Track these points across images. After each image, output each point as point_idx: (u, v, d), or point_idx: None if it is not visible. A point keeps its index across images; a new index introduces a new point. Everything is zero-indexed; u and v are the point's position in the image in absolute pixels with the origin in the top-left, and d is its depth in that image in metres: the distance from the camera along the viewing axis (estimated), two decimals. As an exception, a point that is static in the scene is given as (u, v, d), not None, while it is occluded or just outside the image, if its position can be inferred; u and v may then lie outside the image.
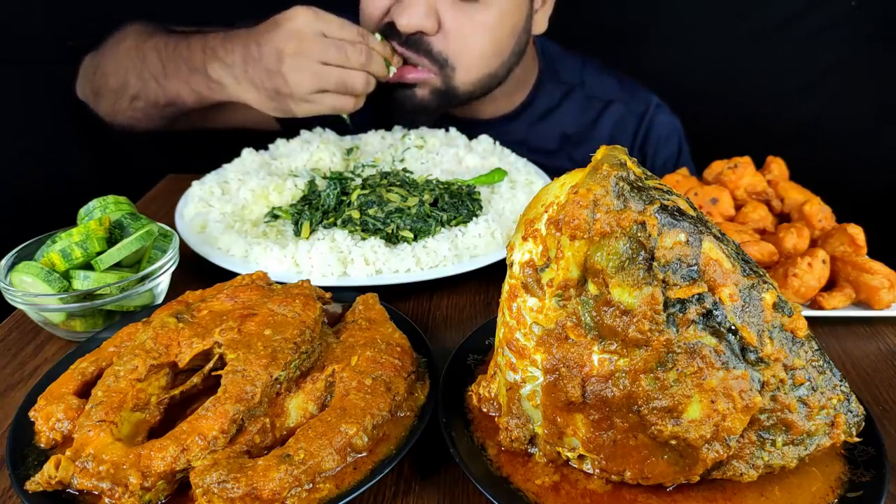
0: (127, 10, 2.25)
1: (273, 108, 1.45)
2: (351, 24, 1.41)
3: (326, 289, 1.07)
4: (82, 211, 1.16)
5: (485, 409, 0.86)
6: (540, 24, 1.77)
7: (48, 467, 0.72)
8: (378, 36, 1.50)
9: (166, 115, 1.69)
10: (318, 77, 1.36)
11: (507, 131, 1.86)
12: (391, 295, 1.15)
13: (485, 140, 1.69)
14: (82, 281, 1.03)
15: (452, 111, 1.87)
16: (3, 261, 1.07)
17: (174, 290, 1.15)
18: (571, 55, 1.98)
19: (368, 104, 1.55)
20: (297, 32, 1.35)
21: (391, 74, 1.52)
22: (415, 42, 1.55)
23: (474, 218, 1.31)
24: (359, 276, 1.18)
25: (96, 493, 0.73)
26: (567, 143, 1.92)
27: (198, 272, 1.24)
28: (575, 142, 1.92)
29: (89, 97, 1.84)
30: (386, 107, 1.70)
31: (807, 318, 0.79)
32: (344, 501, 0.72)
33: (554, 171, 1.85)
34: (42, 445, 0.81)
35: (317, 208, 1.31)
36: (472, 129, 1.75)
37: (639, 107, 1.94)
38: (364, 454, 0.79)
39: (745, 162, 1.37)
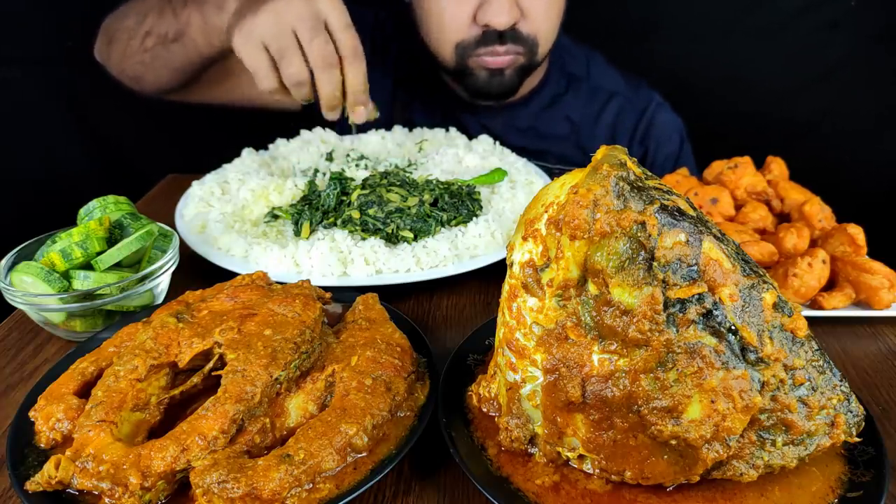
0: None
1: (222, 28, 1.42)
2: (354, 37, 1.35)
3: (326, 289, 1.07)
4: (82, 211, 1.16)
5: (485, 409, 0.86)
6: None
7: (48, 467, 0.72)
8: (373, 106, 1.46)
9: (174, 57, 1.65)
10: (277, 35, 1.32)
11: (517, 117, 1.93)
12: (391, 295, 1.15)
13: (485, 140, 1.69)
14: (82, 281, 1.03)
15: (463, 97, 1.94)
16: (3, 261, 1.07)
17: (174, 290, 1.15)
18: (578, 47, 2.03)
19: (410, 66, 1.58)
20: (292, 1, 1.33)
21: (334, 115, 1.43)
22: (509, 35, 1.69)
23: (474, 218, 1.31)
24: (359, 276, 1.18)
25: (96, 493, 0.73)
26: (574, 130, 1.96)
27: (198, 272, 1.24)
28: (580, 130, 1.96)
29: (103, 51, 1.83)
30: (469, 89, 1.79)
31: (807, 318, 0.79)
32: (344, 501, 0.72)
33: (561, 157, 1.88)
34: (42, 445, 0.81)
35: (317, 208, 1.31)
36: (483, 114, 1.79)
37: (640, 102, 2.00)
38: (364, 454, 0.79)
39: (745, 162, 1.37)
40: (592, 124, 1.98)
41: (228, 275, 1.12)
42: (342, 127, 1.75)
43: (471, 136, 1.73)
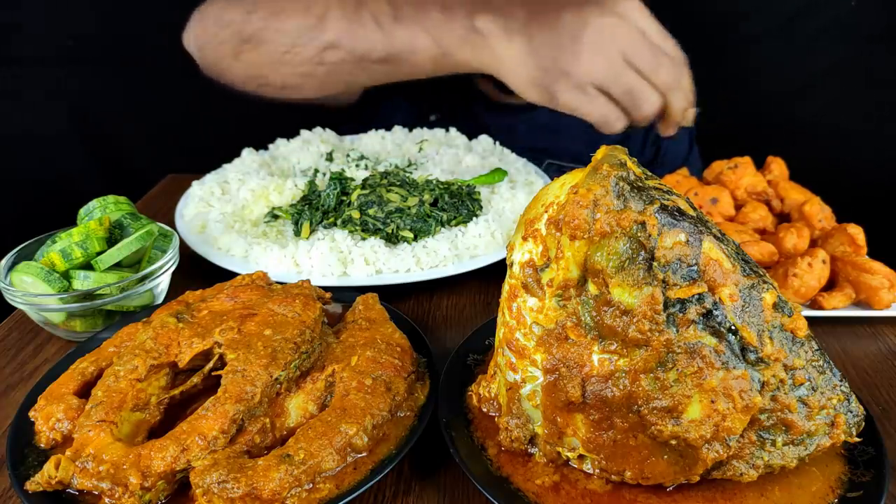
0: (127, 10, 2.25)
1: (533, 83, 1.22)
2: (674, 42, 1.21)
3: (326, 289, 1.07)
4: (82, 211, 1.16)
5: (485, 409, 0.86)
6: None
7: (48, 467, 0.72)
8: (693, 111, 1.30)
9: (364, 77, 1.40)
10: (614, 71, 1.15)
11: (536, 116, 1.87)
12: (391, 295, 1.15)
13: (484, 140, 1.69)
14: (82, 281, 1.03)
15: (489, 93, 1.87)
16: (3, 261, 1.07)
17: (174, 290, 1.15)
18: None
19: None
20: (615, 14, 1.16)
21: (671, 131, 1.28)
22: None
23: (474, 218, 1.31)
24: (359, 276, 1.18)
25: (96, 493, 0.73)
26: (589, 131, 1.93)
27: (198, 272, 1.24)
28: (594, 131, 1.93)
29: (222, 53, 1.49)
30: (501, 85, 1.61)
31: (807, 318, 0.79)
32: (344, 501, 0.72)
33: (577, 156, 1.86)
34: (42, 445, 0.81)
35: (317, 208, 1.31)
36: (502, 114, 1.73)
37: None
38: (364, 454, 0.79)
39: (745, 162, 1.37)
40: None
41: (228, 275, 1.12)
42: (342, 127, 1.75)
43: (491, 135, 1.72)
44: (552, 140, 1.77)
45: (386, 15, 1.29)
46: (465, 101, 1.90)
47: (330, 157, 1.57)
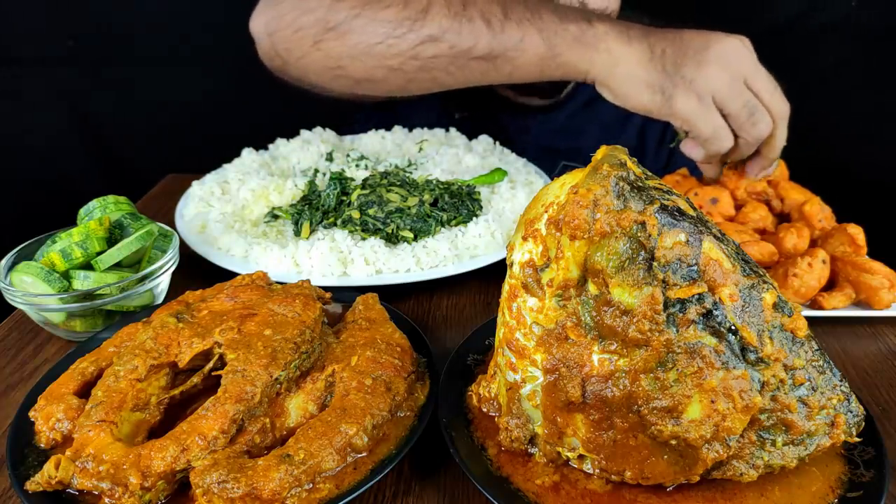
0: (127, 10, 2.25)
1: (651, 87, 1.20)
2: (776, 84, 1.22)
3: (326, 289, 1.07)
4: (82, 211, 1.16)
5: (485, 409, 0.86)
6: None
7: (48, 467, 0.72)
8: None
9: (462, 77, 1.34)
10: (732, 88, 1.17)
11: (553, 119, 1.87)
12: (391, 295, 1.15)
13: (484, 140, 1.69)
14: (82, 281, 1.03)
15: (509, 96, 1.87)
16: (3, 261, 1.07)
17: (174, 290, 1.15)
18: None
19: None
20: (738, 39, 1.20)
21: (765, 173, 1.30)
22: None
23: (474, 218, 1.31)
24: (359, 276, 1.18)
25: (96, 493, 0.73)
26: (605, 133, 1.92)
27: (198, 272, 1.24)
28: (611, 132, 1.93)
29: (285, 34, 1.42)
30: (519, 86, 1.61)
31: (807, 318, 0.79)
32: (344, 501, 0.72)
33: (590, 158, 1.87)
34: (42, 445, 0.81)
35: (317, 208, 1.31)
36: (523, 116, 1.73)
37: None
38: (364, 454, 0.79)
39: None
40: (622, 126, 1.95)
41: (228, 275, 1.12)
42: (341, 127, 1.75)
43: (509, 136, 1.72)
44: (569, 142, 1.77)
45: (496, 13, 1.26)
46: (485, 102, 1.90)
47: (330, 157, 1.57)
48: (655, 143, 1.96)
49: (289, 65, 1.45)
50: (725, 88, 1.16)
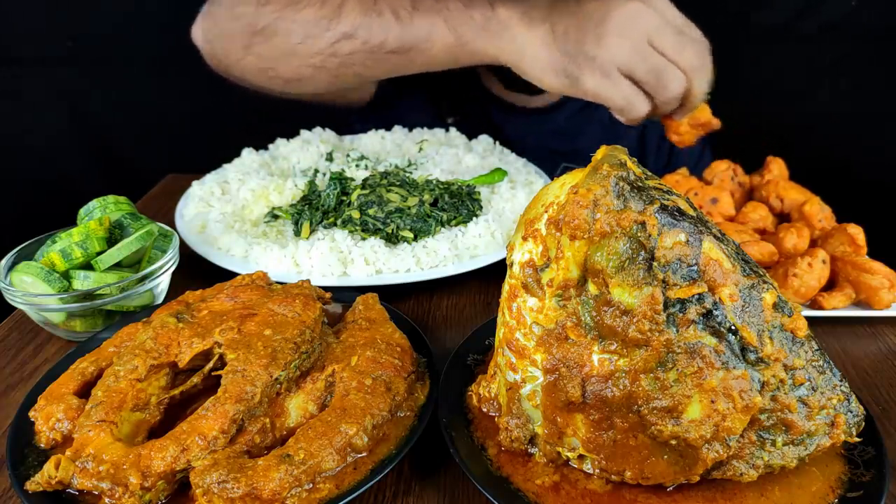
0: (127, 10, 2.25)
1: (556, 70, 1.21)
2: (697, 29, 1.22)
3: (326, 289, 1.07)
4: (82, 211, 1.16)
5: (485, 409, 0.86)
6: None
7: (48, 467, 0.72)
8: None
9: (378, 69, 1.39)
10: (638, 55, 1.15)
11: (551, 120, 1.87)
12: (391, 295, 1.15)
13: (484, 140, 1.69)
14: (82, 281, 1.03)
15: (504, 97, 1.86)
16: (3, 261, 1.07)
17: (174, 290, 1.15)
18: None
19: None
20: (646, 3, 1.18)
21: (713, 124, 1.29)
22: None
23: (474, 218, 1.31)
24: (359, 276, 1.18)
25: (96, 493, 0.73)
26: (605, 134, 1.92)
27: (198, 272, 1.24)
28: (611, 133, 1.92)
29: (229, 46, 1.49)
30: (500, 74, 1.60)
31: (807, 318, 0.79)
32: (344, 501, 0.72)
33: (589, 159, 1.87)
34: (42, 445, 0.81)
35: (317, 208, 1.31)
36: (518, 117, 1.73)
37: None
38: (364, 454, 0.79)
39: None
40: (623, 127, 1.95)
41: (228, 275, 1.12)
42: (341, 128, 1.75)
43: (504, 137, 1.72)
44: (568, 143, 1.76)
45: (405, 5, 1.29)
46: (481, 104, 1.90)
47: (330, 157, 1.57)
48: (656, 144, 1.96)
49: (230, 68, 1.51)
50: (628, 56, 1.15)
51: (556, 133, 1.75)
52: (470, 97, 1.82)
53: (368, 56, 1.34)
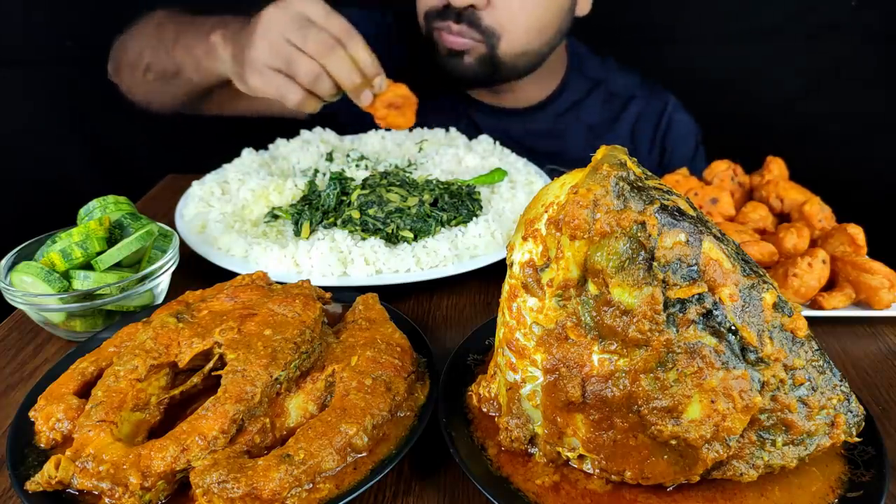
0: (126, 10, 2.25)
1: (235, 73, 1.44)
2: (340, 20, 1.36)
3: (326, 289, 1.07)
4: (82, 211, 1.16)
5: (485, 409, 0.86)
6: (583, 5, 1.83)
7: (48, 467, 0.72)
8: (381, 79, 1.42)
9: (177, 89, 1.71)
10: (276, 51, 1.33)
11: (535, 120, 1.90)
12: (391, 295, 1.15)
13: (485, 140, 1.69)
14: (82, 281, 1.03)
15: (485, 98, 1.92)
16: (3, 261, 1.07)
17: (174, 290, 1.15)
18: (595, 52, 2.03)
19: (417, 71, 1.56)
20: (283, 5, 1.35)
21: (365, 101, 1.42)
22: (467, 17, 1.64)
23: (474, 218, 1.31)
24: (359, 276, 1.18)
25: (96, 493, 0.73)
26: (591, 135, 1.94)
27: (198, 272, 1.24)
28: (598, 134, 1.94)
29: (112, 73, 1.90)
30: (435, 73, 1.75)
31: (807, 318, 0.79)
32: (344, 501, 0.72)
33: (575, 163, 1.88)
34: (42, 445, 0.81)
35: (317, 208, 1.31)
36: (499, 118, 1.77)
37: (658, 104, 1.99)
38: (364, 454, 0.79)
39: None
40: (611, 128, 1.97)
41: (228, 275, 1.12)
42: (341, 128, 1.75)
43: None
44: (553, 144, 1.80)
45: (171, 43, 1.62)
46: (464, 106, 1.91)
47: (330, 157, 1.57)
48: (647, 144, 1.97)
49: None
50: (269, 54, 1.33)
51: (542, 134, 1.80)
52: (450, 99, 1.87)
53: (164, 82, 1.72)
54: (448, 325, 1.15)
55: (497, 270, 1.05)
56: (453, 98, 1.91)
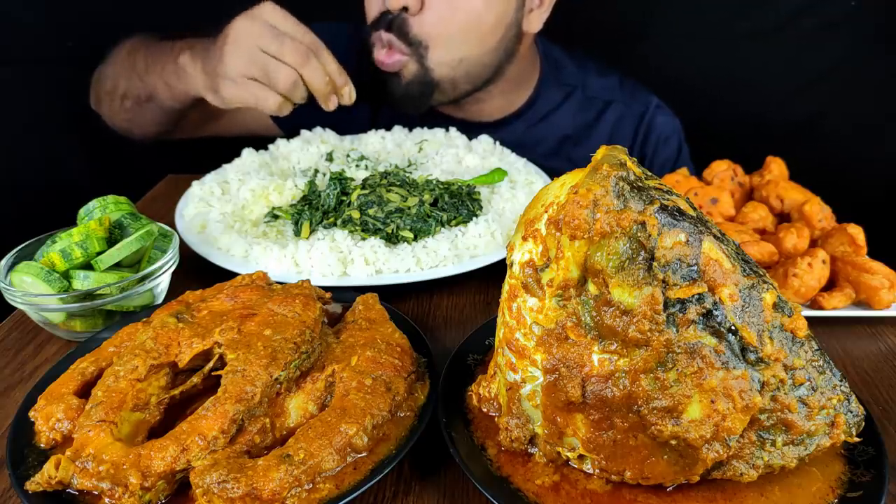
0: (126, 11, 2.25)
1: (207, 87, 1.48)
2: (308, 31, 1.43)
3: (326, 289, 1.07)
4: (82, 211, 1.16)
5: (485, 409, 0.86)
6: (534, 24, 1.80)
7: (48, 467, 0.72)
8: (350, 88, 1.51)
9: (153, 114, 1.77)
10: (250, 61, 1.38)
11: (509, 130, 1.89)
12: (391, 295, 1.15)
13: (485, 140, 1.69)
14: (82, 281, 1.03)
15: (452, 112, 1.89)
16: (3, 261, 1.07)
17: (174, 290, 1.15)
18: (573, 57, 2.01)
19: (364, 95, 1.57)
20: (252, 17, 1.39)
21: (332, 105, 1.50)
22: (398, 24, 1.65)
23: (474, 218, 1.31)
24: (359, 276, 1.18)
25: (96, 493, 0.73)
26: (566, 143, 1.93)
27: (198, 272, 1.24)
28: (574, 142, 1.93)
29: (94, 104, 1.97)
30: (380, 95, 1.77)
31: (807, 318, 0.79)
32: (344, 501, 0.72)
33: (552, 172, 1.87)
34: (42, 445, 0.81)
35: (317, 208, 1.31)
36: (471, 131, 1.76)
37: (638, 107, 1.97)
38: (364, 454, 0.79)
39: None
40: (588, 134, 1.96)
41: (228, 275, 1.12)
42: (342, 127, 1.75)
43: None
44: (526, 153, 1.78)
45: (142, 69, 1.69)
46: (430, 119, 1.91)
47: (330, 157, 1.57)
48: (629, 142, 1.96)
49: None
50: (244, 63, 1.39)
51: (515, 143, 1.78)
52: (430, 112, 1.88)
53: (139, 108, 1.78)
54: (448, 325, 1.15)
55: (497, 270, 1.05)
56: (432, 110, 1.91)
